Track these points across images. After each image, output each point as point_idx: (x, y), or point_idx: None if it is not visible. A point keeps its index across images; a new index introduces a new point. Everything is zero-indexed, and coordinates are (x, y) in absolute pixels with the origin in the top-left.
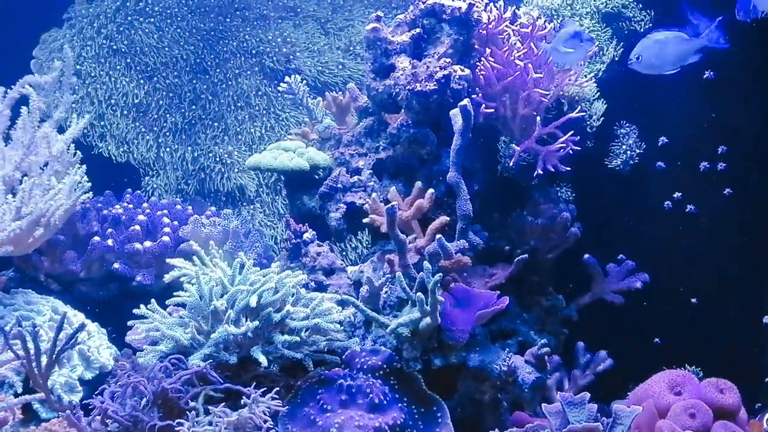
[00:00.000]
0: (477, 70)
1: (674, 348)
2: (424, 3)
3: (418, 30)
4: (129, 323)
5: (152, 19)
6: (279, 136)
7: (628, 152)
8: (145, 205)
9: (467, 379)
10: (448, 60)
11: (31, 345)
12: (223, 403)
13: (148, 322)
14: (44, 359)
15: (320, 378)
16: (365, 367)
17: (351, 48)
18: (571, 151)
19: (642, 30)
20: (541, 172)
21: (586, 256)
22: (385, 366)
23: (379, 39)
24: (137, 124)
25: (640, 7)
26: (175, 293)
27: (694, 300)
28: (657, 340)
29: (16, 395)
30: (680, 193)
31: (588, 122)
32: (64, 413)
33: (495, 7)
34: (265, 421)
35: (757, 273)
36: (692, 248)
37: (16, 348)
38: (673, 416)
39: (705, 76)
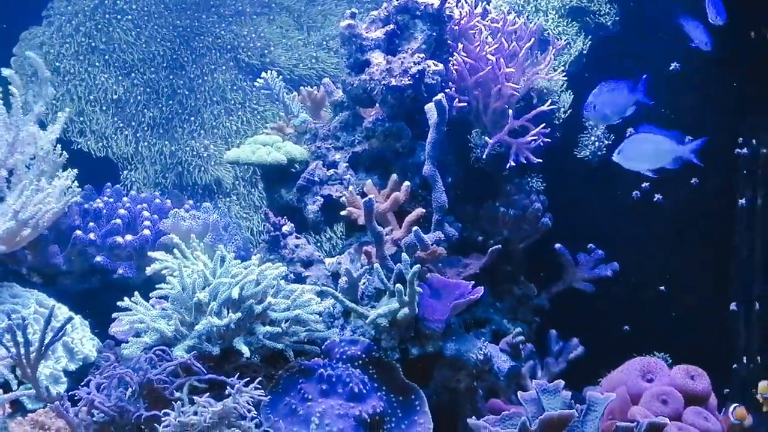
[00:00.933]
0: (450, 65)
1: (643, 335)
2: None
3: (392, 26)
4: (113, 315)
5: (129, 17)
6: (255, 130)
7: (596, 143)
8: (125, 199)
9: (443, 367)
10: (422, 55)
11: (20, 338)
12: (207, 394)
13: (131, 314)
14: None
15: (301, 368)
16: (344, 356)
17: (325, 42)
18: (541, 143)
19: (609, 24)
20: (513, 163)
21: (558, 245)
22: (363, 356)
23: (354, 35)
24: (116, 119)
25: (606, 1)
26: (157, 286)
27: (662, 288)
28: (626, 327)
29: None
30: (648, 184)
31: (556, 114)
32: (52, 404)
33: (466, 3)
34: (249, 411)
35: (722, 260)
36: (660, 237)
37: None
38: (646, 402)
39: (671, 68)
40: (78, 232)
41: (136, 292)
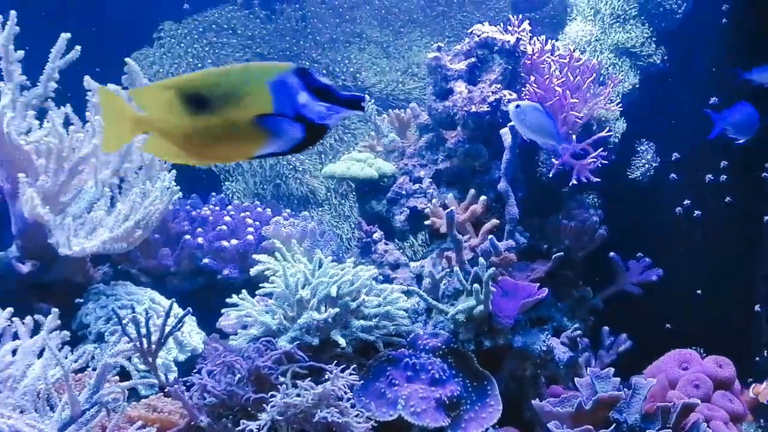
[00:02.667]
0: (522, 95)
1: (682, 332)
2: (478, 36)
3: (473, 59)
4: (222, 311)
5: (235, 40)
6: (347, 147)
7: (646, 165)
8: (229, 207)
9: (512, 358)
10: (499, 86)
11: (143, 329)
12: (308, 379)
13: (239, 309)
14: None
15: (389, 357)
16: (427, 347)
17: (409, 69)
18: (599, 165)
19: (658, 62)
20: (575, 182)
21: (611, 254)
22: (443, 347)
23: (440, 66)
24: None
25: (653, 44)
26: (260, 285)
27: (698, 291)
28: (668, 325)
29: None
30: (689, 201)
31: (612, 140)
32: (171, 388)
33: (538, 40)
34: (345, 393)
35: (748, 269)
36: (698, 248)
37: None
38: (681, 387)
39: (711, 101)
40: (187, 237)
41: (243, 290)
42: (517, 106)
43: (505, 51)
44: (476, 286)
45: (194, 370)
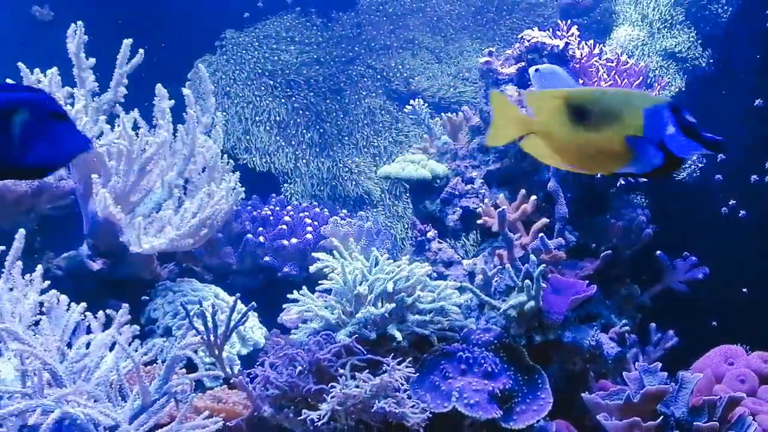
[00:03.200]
0: None
1: (727, 329)
2: (528, 41)
3: (523, 63)
4: (283, 306)
5: (293, 47)
6: (400, 149)
7: (692, 167)
8: (288, 207)
9: (561, 352)
10: None
11: (210, 323)
12: (366, 371)
13: (300, 305)
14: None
15: (443, 351)
16: (479, 342)
17: (460, 73)
18: None
19: (704, 65)
20: (622, 182)
21: (658, 252)
22: (495, 341)
23: (491, 70)
24: (278, 138)
25: (699, 48)
26: (319, 282)
27: (744, 289)
28: (714, 323)
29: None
30: (734, 201)
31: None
32: (236, 379)
33: (586, 45)
34: (402, 384)
35: None
36: (743, 246)
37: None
38: (727, 382)
39: (756, 104)
40: (249, 236)
41: (303, 287)
42: (537, 69)
43: (554, 55)
44: (527, 282)
45: (257, 363)
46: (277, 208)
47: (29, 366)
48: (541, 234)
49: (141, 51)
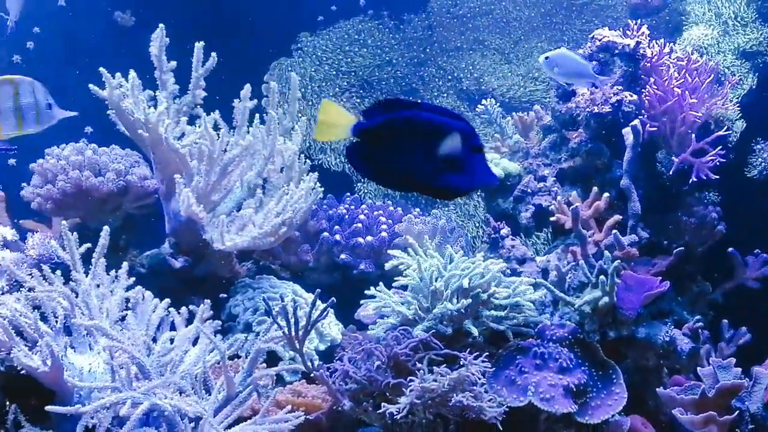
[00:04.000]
0: (642, 96)
1: None
2: (599, 40)
3: (594, 62)
4: (361, 302)
5: (366, 49)
6: None
7: (763, 164)
8: (363, 206)
9: (635, 348)
10: (620, 87)
11: (291, 318)
12: (443, 366)
13: (376, 301)
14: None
15: (518, 347)
16: (554, 338)
17: (530, 73)
18: (718, 163)
19: None
20: (695, 179)
21: (730, 249)
22: (570, 337)
23: None
24: (351, 138)
25: None
26: (394, 279)
27: None
28: None
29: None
30: None
31: (730, 138)
32: (317, 373)
33: (657, 43)
34: (479, 379)
35: None
36: None
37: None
38: None
39: None
40: (325, 234)
41: (380, 284)
42: (546, 57)
43: (625, 54)
44: (602, 278)
45: (336, 358)
46: (353, 207)
47: (117, 360)
48: (615, 230)
49: (213, 55)
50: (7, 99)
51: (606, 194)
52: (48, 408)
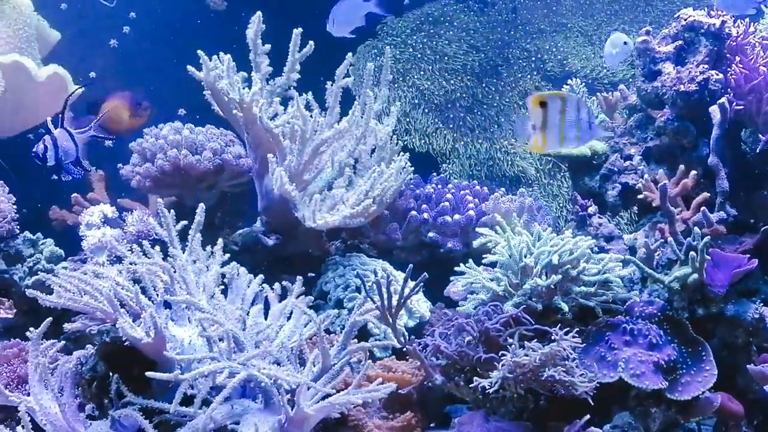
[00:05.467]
0: (728, 75)
1: None
2: (685, 20)
3: (680, 42)
4: (451, 278)
5: (451, 32)
6: None
7: None
8: (450, 185)
9: (724, 326)
10: (706, 66)
11: (385, 292)
12: (534, 341)
13: (466, 277)
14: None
15: (607, 323)
16: (643, 314)
17: None
18: None
19: None
20: None
21: None
22: (659, 314)
23: (648, 49)
24: (436, 120)
25: None
26: (482, 256)
27: None
28: None
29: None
30: None
31: None
32: (410, 347)
33: (742, 23)
34: (570, 354)
35: None
36: None
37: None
38: None
39: None
40: (413, 212)
41: (469, 260)
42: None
43: (711, 33)
44: (692, 254)
45: (426, 334)
46: (439, 186)
47: (213, 333)
48: (703, 207)
49: (311, 43)
50: (555, 114)
51: (693, 171)
52: (148, 374)
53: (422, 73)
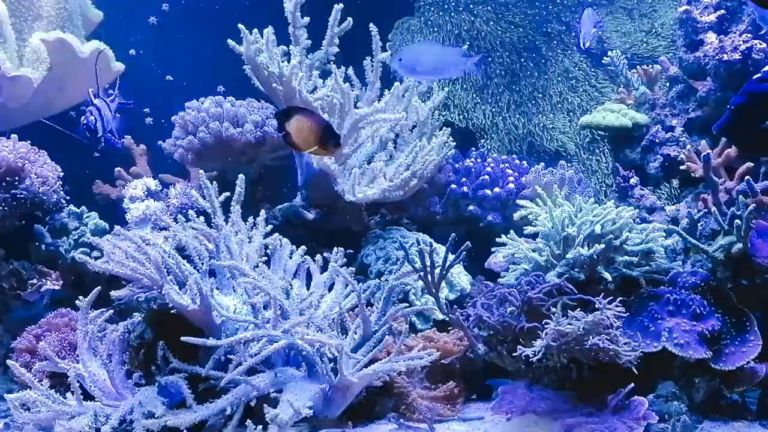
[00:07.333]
0: None
1: None
2: None
3: (722, 11)
4: (492, 249)
5: (489, 7)
6: (594, 105)
7: None
8: (489, 160)
9: None
10: (749, 35)
11: (428, 260)
12: (577, 310)
13: (508, 248)
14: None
15: (650, 293)
16: (686, 284)
17: (653, 30)
18: None
19: None
20: None
21: None
22: (702, 284)
23: (690, 19)
24: (475, 96)
25: None
26: (524, 228)
27: None
28: None
29: None
30: None
31: None
32: (453, 316)
33: None
34: (614, 322)
35: None
36: None
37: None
38: None
39: None
40: (453, 186)
41: (511, 231)
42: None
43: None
44: (737, 221)
45: (468, 305)
46: (479, 160)
47: (257, 300)
48: (747, 176)
49: (349, 19)
50: None
51: None
52: (184, 339)
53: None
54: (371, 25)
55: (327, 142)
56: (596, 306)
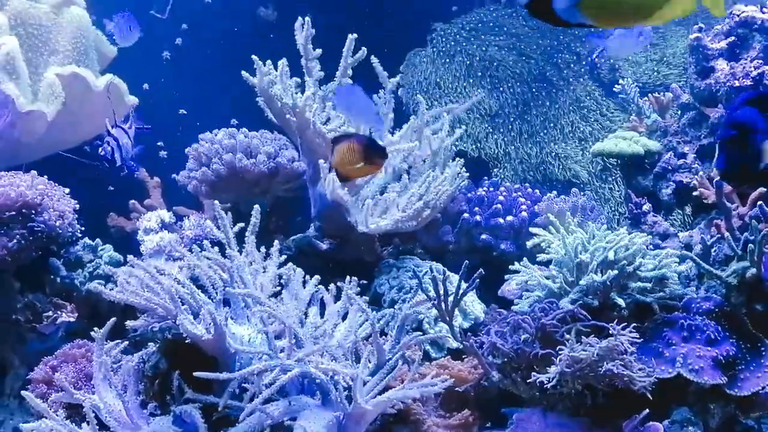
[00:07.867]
0: None
1: None
2: (738, 16)
3: (733, 38)
4: (506, 277)
5: (501, 38)
6: (606, 134)
7: None
8: (501, 188)
9: None
10: (760, 61)
11: (441, 289)
12: (591, 336)
13: (521, 275)
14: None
15: (664, 319)
16: (700, 310)
17: (664, 58)
18: None
19: None
20: None
21: None
22: (716, 309)
23: (701, 46)
24: (487, 126)
25: None
26: (537, 255)
27: None
28: None
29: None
30: None
31: None
32: (467, 344)
33: None
34: (629, 348)
35: None
36: None
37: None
38: None
39: None
40: (465, 215)
41: (524, 259)
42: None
43: (765, 29)
44: (751, 246)
45: (482, 333)
46: (491, 189)
47: (270, 329)
48: (760, 202)
49: (364, 49)
50: None
51: None
52: (196, 374)
53: (471, 80)
54: (372, 57)
55: (372, 156)
56: (610, 332)
